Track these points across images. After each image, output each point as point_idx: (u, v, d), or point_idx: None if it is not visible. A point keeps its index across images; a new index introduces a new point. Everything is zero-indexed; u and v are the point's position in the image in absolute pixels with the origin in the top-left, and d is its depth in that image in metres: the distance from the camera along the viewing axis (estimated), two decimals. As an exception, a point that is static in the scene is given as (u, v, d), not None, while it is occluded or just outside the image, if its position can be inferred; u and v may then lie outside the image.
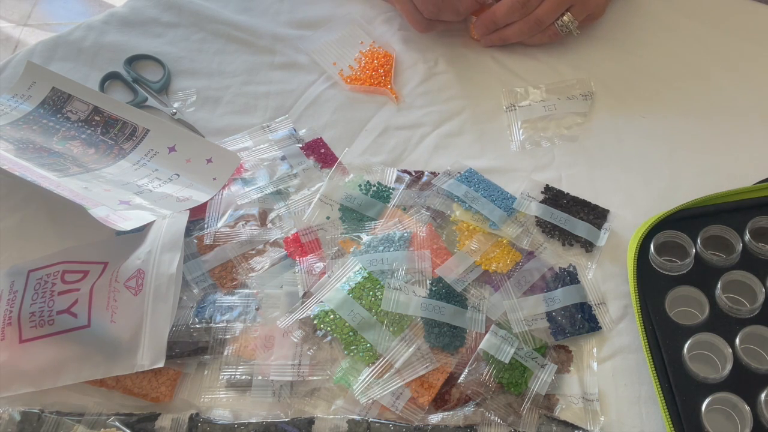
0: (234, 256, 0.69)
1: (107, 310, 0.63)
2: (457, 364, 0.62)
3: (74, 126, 0.76)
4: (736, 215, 0.67)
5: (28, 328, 0.63)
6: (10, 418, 0.60)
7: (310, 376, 0.62)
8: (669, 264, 0.65)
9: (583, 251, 0.70)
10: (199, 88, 0.84)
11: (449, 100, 0.82)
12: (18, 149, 0.72)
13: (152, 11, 0.90)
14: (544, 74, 0.83)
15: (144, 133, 0.76)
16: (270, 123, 0.80)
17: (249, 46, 0.87)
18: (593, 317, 0.65)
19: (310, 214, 0.71)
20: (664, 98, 0.81)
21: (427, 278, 0.66)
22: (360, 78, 0.84)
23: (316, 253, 0.69)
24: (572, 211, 0.72)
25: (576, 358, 0.64)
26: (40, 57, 0.86)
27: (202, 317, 0.65)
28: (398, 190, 0.73)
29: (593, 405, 0.61)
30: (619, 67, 0.84)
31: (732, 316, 0.62)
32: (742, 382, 0.59)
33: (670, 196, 0.71)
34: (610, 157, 0.77)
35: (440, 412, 0.60)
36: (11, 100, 0.77)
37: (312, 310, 0.64)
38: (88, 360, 0.62)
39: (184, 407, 0.62)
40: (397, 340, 0.63)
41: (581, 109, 0.80)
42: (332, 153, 0.78)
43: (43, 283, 0.66)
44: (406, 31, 0.88)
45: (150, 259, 0.65)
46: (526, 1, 0.79)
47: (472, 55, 0.86)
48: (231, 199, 0.73)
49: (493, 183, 0.74)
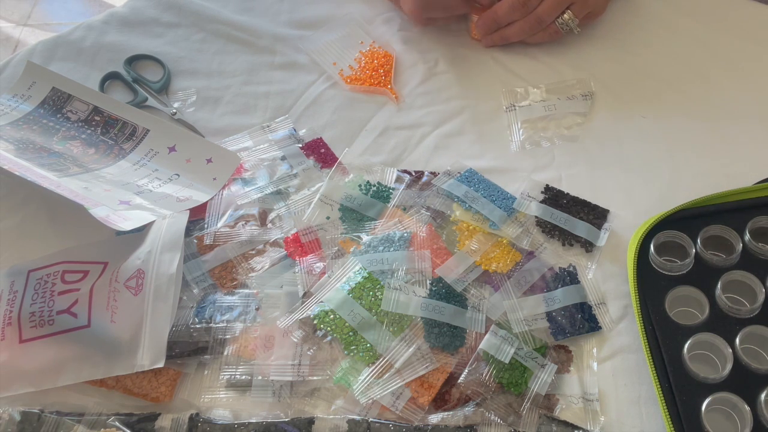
0: (234, 256, 0.69)
1: (107, 310, 0.63)
2: (457, 364, 0.62)
3: (74, 126, 0.76)
4: (736, 215, 0.67)
5: (28, 328, 0.63)
6: (10, 418, 0.60)
7: (310, 376, 0.62)
8: (669, 264, 0.65)
9: (583, 251, 0.70)
10: (199, 88, 0.84)
11: (449, 100, 0.82)
12: (18, 149, 0.72)
13: (152, 11, 0.90)
14: (544, 74, 0.83)
15: (144, 133, 0.76)
16: (270, 123, 0.80)
17: (249, 46, 0.87)
18: (593, 317, 0.65)
19: (310, 214, 0.71)
20: (664, 98, 0.81)
21: (427, 278, 0.66)
22: (360, 78, 0.83)
23: (316, 253, 0.69)
24: (572, 211, 0.72)
25: (576, 358, 0.64)
26: (40, 57, 0.86)
27: (202, 317, 0.65)
28: (398, 190, 0.73)
29: (593, 405, 0.61)
30: (619, 67, 0.84)
31: (732, 316, 0.62)
32: (742, 382, 0.59)
33: (670, 196, 0.71)
34: (610, 157, 0.77)
35: (440, 412, 0.60)
36: (11, 100, 0.77)
37: (312, 310, 0.64)
38: (88, 360, 0.62)
39: (184, 407, 0.62)
40: (397, 340, 0.62)
41: (581, 109, 0.80)
42: (332, 153, 0.78)
43: (43, 283, 0.66)
44: (406, 31, 0.88)
45: (150, 259, 0.65)
46: (526, 0, 0.79)
47: (472, 55, 0.86)
48: (231, 199, 0.73)
49: (493, 183, 0.73)
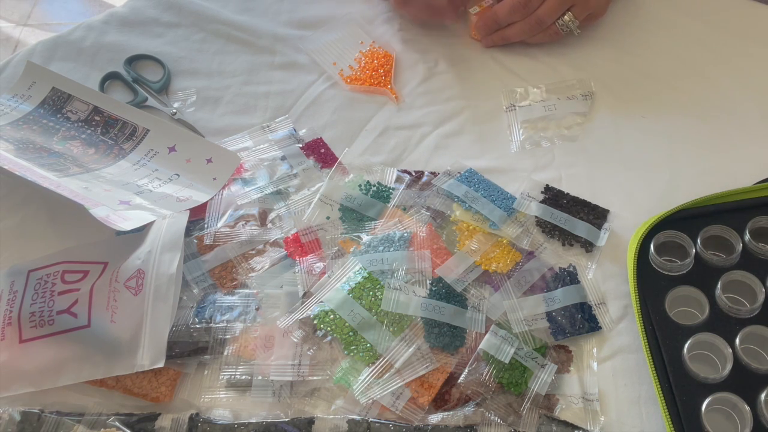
0: (234, 256, 0.69)
1: (107, 310, 0.63)
2: (457, 364, 0.62)
3: (74, 126, 0.76)
4: (736, 215, 0.67)
5: (28, 328, 0.63)
6: (10, 418, 0.60)
7: (310, 376, 0.62)
8: (669, 264, 0.65)
9: (583, 251, 0.70)
10: (199, 88, 0.84)
11: (449, 100, 0.82)
12: (18, 149, 0.72)
13: (152, 11, 0.90)
14: (544, 74, 0.83)
15: (144, 133, 0.76)
16: (270, 123, 0.80)
17: (249, 46, 0.87)
18: (593, 317, 0.65)
19: (310, 214, 0.71)
20: (664, 98, 0.81)
21: (427, 278, 0.66)
22: (360, 78, 0.83)
23: (316, 253, 0.69)
24: (572, 211, 0.72)
25: (576, 358, 0.64)
26: (40, 57, 0.86)
27: (202, 317, 0.65)
28: (398, 190, 0.73)
29: (593, 405, 0.61)
30: (619, 67, 0.84)
31: (732, 316, 0.62)
32: (742, 382, 0.59)
33: (670, 196, 0.71)
34: (610, 157, 0.77)
35: (440, 412, 0.60)
36: (11, 100, 0.77)
37: (312, 310, 0.64)
38: (88, 360, 0.62)
39: (184, 407, 0.62)
40: (397, 340, 0.62)
41: (581, 109, 0.80)
42: (332, 153, 0.78)
43: (43, 283, 0.66)
44: (406, 31, 0.88)
45: (150, 259, 0.65)
46: (527, 2, 0.79)
47: (472, 55, 0.86)
48: (231, 199, 0.73)
49: (493, 183, 0.73)
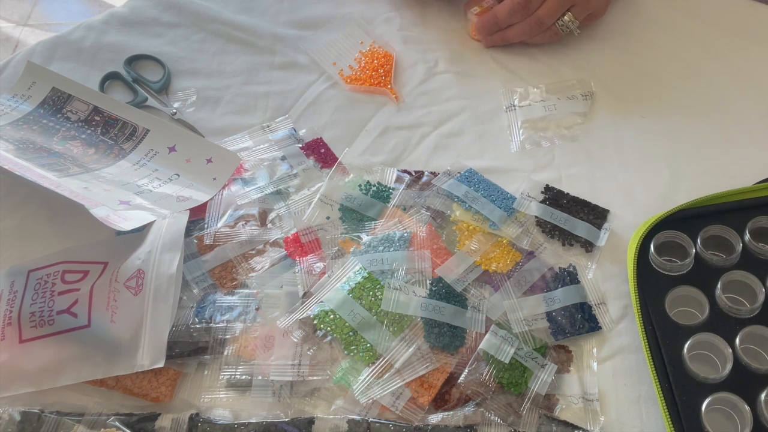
0: (234, 256, 0.69)
1: (107, 310, 0.63)
2: (457, 364, 0.62)
3: (74, 126, 0.76)
4: (736, 215, 0.67)
5: (28, 328, 0.63)
6: (10, 418, 0.60)
7: (310, 376, 0.62)
8: (669, 264, 0.65)
9: (583, 251, 0.70)
10: (199, 88, 0.84)
11: (449, 100, 0.82)
12: (18, 149, 0.72)
13: (152, 11, 0.90)
14: (544, 74, 0.83)
15: (144, 133, 0.76)
16: (270, 123, 0.80)
17: (249, 46, 0.87)
18: (593, 317, 0.65)
19: (310, 214, 0.71)
20: (664, 98, 0.81)
21: (427, 278, 0.66)
22: (360, 78, 0.83)
23: (316, 253, 0.69)
24: (572, 211, 0.72)
25: (576, 358, 0.64)
26: (40, 57, 0.86)
27: (202, 317, 0.65)
28: (398, 190, 0.73)
29: (593, 405, 0.61)
30: (619, 67, 0.84)
31: (732, 316, 0.62)
32: (742, 382, 0.59)
33: (670, 196, 0.71)
34: (610, 157, 0.77)
35: (440, 412, 0.60)
36: (11, 100, 0.77)
37: (312, 310, 0.64)
38: (88, 360, 0.62)
39: (184, 407, 0.62)
40: (397, 340, 0.62)
41: (581, 109, 0.80)
42: (332, 153, 0.78)
43: (43, 283, 0.66)
44: (406, 31, 0.88)
45: (150, 259, 0.65)
46: (527, 2, 0.79)
47: (472, 55, 0.86)
48: (231, 199, 0.73)
49: (493, 183, 0.73)
